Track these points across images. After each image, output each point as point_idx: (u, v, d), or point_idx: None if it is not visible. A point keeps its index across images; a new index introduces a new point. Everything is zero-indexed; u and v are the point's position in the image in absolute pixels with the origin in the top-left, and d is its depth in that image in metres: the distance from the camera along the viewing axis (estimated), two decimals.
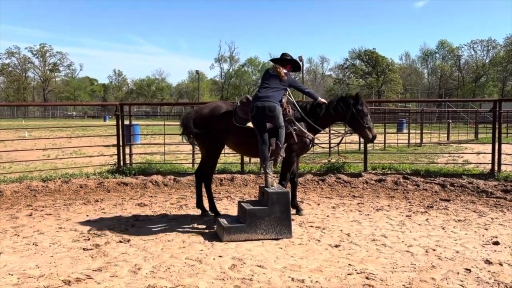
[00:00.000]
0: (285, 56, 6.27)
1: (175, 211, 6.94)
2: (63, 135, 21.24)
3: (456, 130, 27.16)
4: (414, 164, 10.91)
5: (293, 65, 6.34)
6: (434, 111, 36.91)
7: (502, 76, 72.66)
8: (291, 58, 6.28)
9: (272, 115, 5.69)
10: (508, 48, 69.73)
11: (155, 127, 29.71)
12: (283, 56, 6.28)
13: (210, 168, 6.48)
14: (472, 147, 17.07)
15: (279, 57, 6.28)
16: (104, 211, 6.97)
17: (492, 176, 9.04)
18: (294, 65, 6.36)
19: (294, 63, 6.33)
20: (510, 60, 66.96)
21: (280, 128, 5.77)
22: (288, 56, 6.27)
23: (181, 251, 4.90)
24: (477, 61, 76.52)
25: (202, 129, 6.15)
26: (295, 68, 6.45)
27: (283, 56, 6.27)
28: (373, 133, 6.32)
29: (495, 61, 72.11)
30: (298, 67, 6.53)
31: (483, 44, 75.57)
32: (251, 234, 5.33)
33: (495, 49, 74.35)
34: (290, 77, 6.07)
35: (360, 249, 4.98)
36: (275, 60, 6.28)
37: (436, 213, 6.79)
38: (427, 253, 4.80)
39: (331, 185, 8.99)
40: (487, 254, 4.78)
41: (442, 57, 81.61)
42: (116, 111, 10.12)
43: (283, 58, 6.24)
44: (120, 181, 9.11)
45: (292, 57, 6.30)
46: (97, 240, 5.31)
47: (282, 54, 6.32)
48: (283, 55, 6.28)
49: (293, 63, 6.31)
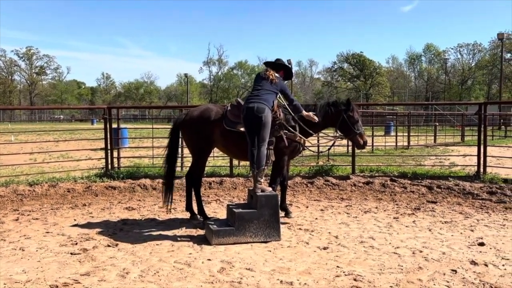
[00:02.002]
0: (279, 61, 6.27)
1: (164, 215, 6.91)
2: (50, 139, 21.00)
3: (443, 132, 27.45)
4: (402, 166, 11.01)
5: (285, 72, 6.30)
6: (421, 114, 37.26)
7: (487, 80, 73.60)
8: (285, 64, 6.28)
9: (260, 115, 5.57)
10: (493, 52, 70.68)
11: (143, 130, 29.57)
12: (277, 61, 6.27)
13: (199, 171, 6.48)
14: (459, 149, 17.27)
15: (273, 61, 6.26)
16: (92, 215, 6.93)
17: (477, 178, 9.17)
18: (286, 72, 6.32)
19: (287, 69, 6.30)
20: (495, 64, 67.79)
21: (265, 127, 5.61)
22: (282, 62, 6.28)
23: (169, 255, 4.89)
24: (463, 65, 77.39)
25: (192, 131, 6.16)
26: (287, 76, 6.40)
27: (277, 61, 6.26)
28: (364, 139, 6.34)
29: (480, 64, 73.01)
30: (290, 76, 6.46)
31: (469, 47, 76.50)
32: (240, 237, 5.33)
33: (481, 52, 75.32)
34: (281, 82, 6.04)
35: (348, 251, 5.02)
36: (268, 63, 6.27)
37: (423, 215, 6.86)
38: (414, 255, 4.86)
39: (319, 188, 9.04)
40: (473, 255, 4.85)
41: (429, 60, 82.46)
42: (104, 114, 10.06)
43: (277, 63, 6.23)
44: (108, 185, 9.05)
45: (286, 64, 6.30)
46: (85, 245, 5.27)
47: (276, 59, 6.33)
48: (277, 60, 6.28)
49: (285, 69, 6.28)
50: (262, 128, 5.61)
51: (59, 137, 23.43)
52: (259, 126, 5.60)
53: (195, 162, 6.47)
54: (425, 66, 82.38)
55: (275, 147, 6.05)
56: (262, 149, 5.65)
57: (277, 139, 6.05)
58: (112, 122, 10.35)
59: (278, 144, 6.07)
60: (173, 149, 6.58)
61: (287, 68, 6.31)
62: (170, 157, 6.56)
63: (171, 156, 6.56)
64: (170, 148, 6.56)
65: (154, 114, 60.61)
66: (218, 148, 6.57)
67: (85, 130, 17.59)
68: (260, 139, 5.62)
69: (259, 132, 5.61)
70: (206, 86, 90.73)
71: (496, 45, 66.17)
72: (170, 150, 6.56)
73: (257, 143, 5.62)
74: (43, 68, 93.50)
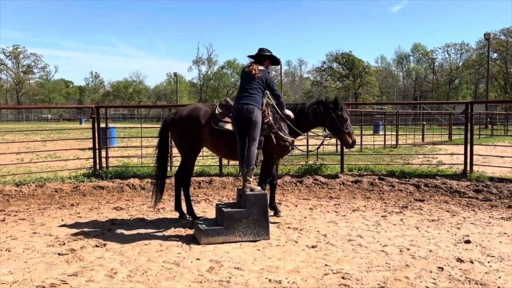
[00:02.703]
0: (262, 51, 6.06)
1: (153, 215, 6.89)
2: (38, 138, 20.79)
3: (431, 131, 27.70)
4: (390, 165, 11.10)
5: (271, 60, 6.15)
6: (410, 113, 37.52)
7: (475, 79, 74.43)
8: (269, 53, 6.07)
9: (249, 116, 5.60)
10: (480, 52, 71.45)
11: (132, 129, 29.38)
12: (260, 51, 6.06)
13: (188, 170, 6.47)
14: (446, 148, 17.44)
15: (256, 53, 6.06)
16: (79, 216, 6.88)
17: (464, 176, 9.27)
18: (272, 60, 6.16)
19: (271, 57, 6.12)
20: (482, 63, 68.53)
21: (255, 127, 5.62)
22: (266, 52, 6.06)
23: (158, 255, 4.88)
24: (451, 64, 78.15)
25: (181, 130, 6.16)
26: (274, 63, 6.24)
27: (260, 52, 6.06)
28: (353, 138, 6.34)
29: (468, 64, 73.78)
30: (277, 61, 6.28)
31: (456, 47, 77.24)
32: (229, 237, 5.34)
33: (468, 52, 76.08)
34: (266, 74, 5.86)
35: (337, 249, 5.05)
36: (252, 56, 6.08)
37: (410, 213, 6.93)
38: (402, 253, 4.90)
39: (308, 187, 9.08)
40: (459, 252, 4.91)
41: (417, 60, 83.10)
42: (92, 114, 9.99)
43: (259, 54, 6.03)
44: (96, 185, 9.00)
45: (271, 53, 6.09)
46: (73, 245, 5.24)
47: (259, 49, 6.10)
48: (260, 51, 6.07)
49: (270, 58, 6.12)
50: (253, 129, 5.63)
51: (47, 137, 23.20)
52: (249, 126, 5.62)
53: (184, 162, 6.46)
54: (413, 66, 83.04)
55: (264, 147, 6.06)
56: (252, 148, 5.67)
57: (266, 138, 6.05)
58: (101, 122, 10.29)
59: (267, 143, 6.08)
60: (163, 149, 6.56)
61: (271, 56, 6.13)
62: (161, 157, 6.54)
63: (162, 156, 6.55)
64: (160, 148, 6.54)
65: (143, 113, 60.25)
66: (207, 148, 6.56)
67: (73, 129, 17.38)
68: (250, 139, 5.64)
69: (249, 132, 5.63)
70: (196, 85, 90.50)
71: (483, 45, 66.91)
72: (160, 150, 6.54)
73: (248, 143, 5.64)
74: (30, 67, 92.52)
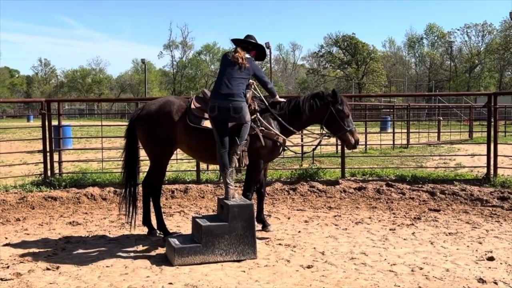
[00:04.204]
0: (250, 39, 6.18)
1: (116, 231, 6.86)
2: None
3: (448, 128, 27.99)
4: (400, 169, 11.19)
5: (258, 52, 6.30)
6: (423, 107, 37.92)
7: (499, 66, 75.12)
8: (257, 42, 6.22)
9: (237, 116, 5.71)
10: (505, 34, 72.11)
11: (91, 128, 29.21)
12: (248, 38, 6.17)
13: (158, 177, 6.45)
14: (466, 148, 17.65)
15: (242, 38, 6.16)
16: (27, 232, 6.82)
17: (487, 181, 9.39)
18: (259, 52, 6.32)
19: (259, 49, 6.28)
20: (508, 48, 69.31)
21: (245, 124, 5.80)
22: (253, 40, 6.19)
23: (122, 279, 4.86)
24: (471, 49, 78.81)
25: (149, 129, 6.14)
26: (260, 56, 6.43)
27: (247, 39, 6.16)
28: (356, 138, 6.39)
29: (491, 48, 74.40)
30: (263, 56, 6.50)
31: (477, 29, 77.88)
32: (208, 256, 5.34)
33: (491, 34, 76.77)
34: (253, 63, 6.01)
35: (336, 269, 5.08)
36: (237, 41, 6.16)
37: (424, 225, 7.00)
38: (413, 273, 4.95)
39: (303, 195, 9.11)
40: (481, 271, 4.98)
41: (431, 43, 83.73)
42: (42, 109, 9.90)
43: (247, 41, 6.14)
44: (47, 195, 8.92)
45: (258, 42, 6.24)
46: (19, 268, 5.19)
47: (246, 36, 6.22)
48: (248, 37, 6.18)
49: (258, 48, 6.26)
50: (243, 130, 5.79)
51: None
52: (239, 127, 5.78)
53: (153, 167, 6.43)
54: (427, 51, 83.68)
55: (250, 148, 6.08)
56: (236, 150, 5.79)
57: (252, 138, 6.07)
58: (53, 119, 10.20)
59: (253, 144, 6.09)
60: (131, 151, 6.54)
61: (260, 47, 6.27)
62: (129, 161, 6.52)
63: (130, 159, 6.53)
64: (127, 150, 6.51)
65: (105, 108, 59.95)
66: (181, 149, 6.55)
67: (19, 128, 17.25)
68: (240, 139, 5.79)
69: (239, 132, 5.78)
70: (168, 74, 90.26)
71: (509, 25, 67.71)
72: (128, 153, 6.52)
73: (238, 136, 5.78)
74: None
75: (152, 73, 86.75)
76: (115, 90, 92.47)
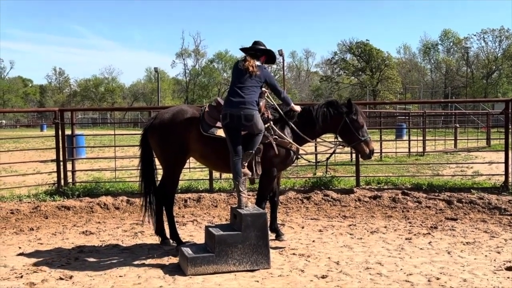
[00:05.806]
0: (257, 45, 6.18)
1: (129, 240, 6.90)
2: None
3: (465, 135, 27.77)
4: (416, 177, 11.14)
5: (267, 57, 6.30)
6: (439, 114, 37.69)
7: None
8: (265, 48, 6.22)
9: (249, 124, 5.74)
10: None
11: (104, 137, 29.42)
12: (255, 45, 6.18)
13: (171, 186, 6.49)
14: (484, 155, 17.47)
15: (250, 46, 6.19)
16: (40, 242, 6.88)
17: (505, 189, 9.30)
18: (269, 57, 6.32)
19: (268, 54, 6.28)
20: None
21: (258, 134, 5.83)
22: (262, 46, 6.20)
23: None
24: (488, 54, 78.26)
25: (163, 138, 6.18)
26: (270, 60, 6.41)
27: (255, 45, 6.18)
28: (371, 147, 6.39)
29: (509, 54, 73.85)
30: (273, 59, 6.46)
31: (494, 34, 77.39)
32: (221, 265, 5.34)
33: (509, 39, 76.20)
34: (265, 71, 6.04)
35: (352, 280, 5.06)
36: (246, 49, 6.20)
37: (440, 234, 6.95)
38: (430, 283, 4.92)
39: (317, 204, 9.09)
40: (499, 282, 4.93)
41: (447, 49, 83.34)
42: (56, 119, 10.01)
43: (255, 48, 6.16)
44: (61, 205, 9.00)
45: (266, 47, 6.23)
46: (32, 278, 5.24)
47: (254, 42, 6.23)
48: (256, 44, 6.19)
49: (267, 53, 6.27)
50: (255, 137, 5.82)
51: (1, 147, 23.21)
52: (250, 136, 5.81)
53: (166, 175, 6.47)
54: (442, 57, 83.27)
55: (263, 157, 6.09)
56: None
57: (265, 146, 6.08)
58: (66, 128, 10.30)
59: (267, 152, 6.11)
60: (147, 161, 6.59)
61: (268, 52, 6.27)
62: (145, 170, 6.57)
63: (146, 169, 6.58)
64: (143, 159, 6.57)
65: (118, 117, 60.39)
66: (194, 158, 6.59)
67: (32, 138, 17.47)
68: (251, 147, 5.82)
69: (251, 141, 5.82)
70: (181, 83, 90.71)
71: None
72: (144, 162, 6.57)
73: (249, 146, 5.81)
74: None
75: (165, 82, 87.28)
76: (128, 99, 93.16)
